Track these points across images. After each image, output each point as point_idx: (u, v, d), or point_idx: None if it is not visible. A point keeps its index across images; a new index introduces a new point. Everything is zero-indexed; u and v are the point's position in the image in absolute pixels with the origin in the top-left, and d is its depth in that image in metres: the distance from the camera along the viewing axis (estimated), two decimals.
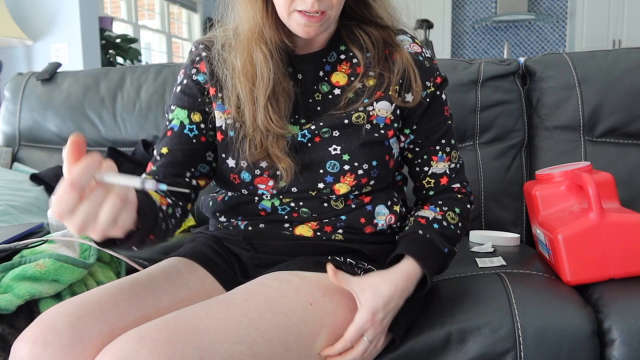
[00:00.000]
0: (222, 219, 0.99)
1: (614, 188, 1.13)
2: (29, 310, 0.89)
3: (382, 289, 0.80)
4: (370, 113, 0.91)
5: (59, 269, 0.92)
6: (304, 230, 0.93)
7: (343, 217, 0.93)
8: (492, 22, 6.15)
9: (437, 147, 0.97)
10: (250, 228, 0.95)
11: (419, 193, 1.01)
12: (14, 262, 0.94)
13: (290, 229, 0.94)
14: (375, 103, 0.91)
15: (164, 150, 0.92)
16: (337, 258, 0.90)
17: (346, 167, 0.90)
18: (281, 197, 0.93)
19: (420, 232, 0.90)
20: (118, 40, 3.64)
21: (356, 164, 0.90)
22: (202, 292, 0.87)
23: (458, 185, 0.99)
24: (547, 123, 1.48)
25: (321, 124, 0.90)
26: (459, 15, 6.29)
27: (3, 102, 1.92)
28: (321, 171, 0.90)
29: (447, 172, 0.98)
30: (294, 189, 0.92)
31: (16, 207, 1.43)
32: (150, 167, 0.94)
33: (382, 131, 0.91)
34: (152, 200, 0.78)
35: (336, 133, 0.90)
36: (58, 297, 0.93)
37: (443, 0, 6.08)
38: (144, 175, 0.92)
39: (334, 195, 0.92)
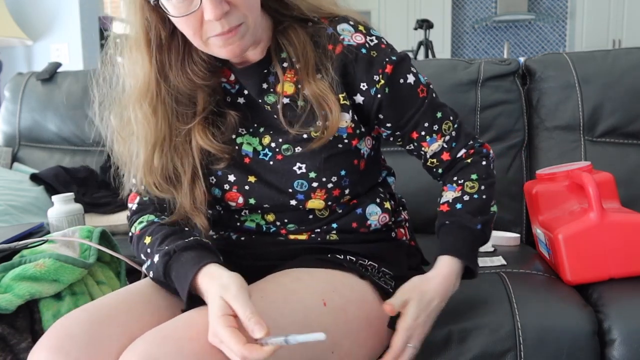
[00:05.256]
0: (211, 232, 0.96)
1: (614, 188, 1.13)
2: (29, 310, 0.89)
3: (423, 296, 0.83)
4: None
5: (59, 269, 0.92)
6: (298, 235, 0.92)
7: (334, 225, 0.91)
8: (492, 22, 6.14)
9: (423, 133, 0.90)
10: (242, 238, 0.94)
11: (430, 172, 0.97)
12: (14, 262, 0.93)
13: (284, 235, 0.93)
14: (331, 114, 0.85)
15: None
16: (338, 256, 0.89)
17: (315, 185, 0.86)
18: (260, 212, 0.91)
19: (447, 222, 0.90)
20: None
21: (324, 179, 0.86)
22: None
23: (463, 151, 0.92)
24: (547, 123, 1.48)
25: (280, 140, 0.86)
26: (459, 15, 6.29)
27: (3, 102, 1.93)
28: (290, 190, 0.87)
29: (445, 146, 0.92)
30: (265, 206, 0.89)
31: (16, 207, 1.43)
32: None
33: (346, 141, 0.87)
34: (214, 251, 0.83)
35: (298, 149, 0.86)
36: (58, 297, 0.92)
37: (443, 0, 6.08)
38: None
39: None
